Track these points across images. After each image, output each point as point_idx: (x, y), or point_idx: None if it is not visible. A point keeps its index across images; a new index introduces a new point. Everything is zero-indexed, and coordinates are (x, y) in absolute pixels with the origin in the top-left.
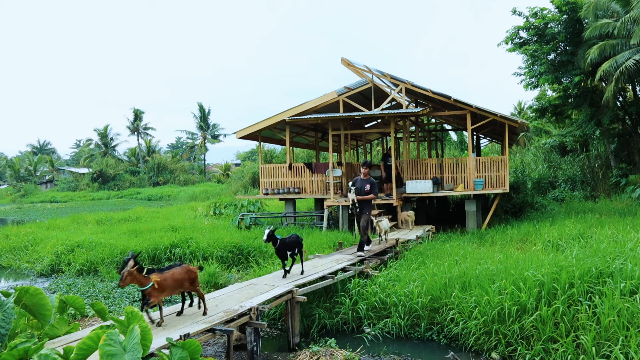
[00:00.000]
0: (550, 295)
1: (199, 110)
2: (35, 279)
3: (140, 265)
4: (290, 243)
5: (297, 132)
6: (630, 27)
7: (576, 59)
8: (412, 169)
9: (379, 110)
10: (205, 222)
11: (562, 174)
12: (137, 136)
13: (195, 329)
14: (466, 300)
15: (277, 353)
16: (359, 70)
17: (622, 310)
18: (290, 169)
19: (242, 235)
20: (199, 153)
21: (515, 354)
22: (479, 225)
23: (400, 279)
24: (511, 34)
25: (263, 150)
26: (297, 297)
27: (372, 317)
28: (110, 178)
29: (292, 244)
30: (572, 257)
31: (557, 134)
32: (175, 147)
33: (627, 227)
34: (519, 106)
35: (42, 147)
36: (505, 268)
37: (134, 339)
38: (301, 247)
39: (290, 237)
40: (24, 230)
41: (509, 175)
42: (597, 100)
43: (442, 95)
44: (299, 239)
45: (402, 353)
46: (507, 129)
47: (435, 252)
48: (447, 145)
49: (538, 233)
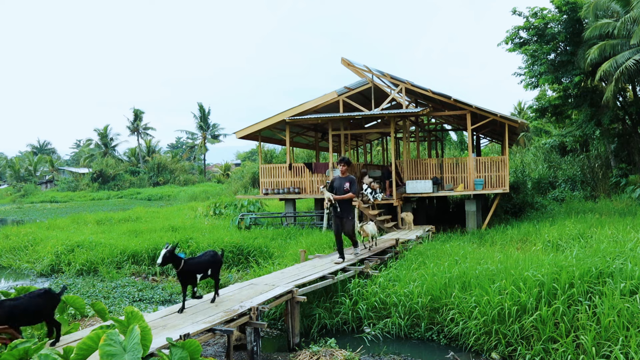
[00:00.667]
0: (550, 295)
1: (199, 110)
2: (35, 279)
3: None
4: (201, 263)
5: (297, 132)
6: (630, 27)
7: (576, 59)
8: (412, 169)
9: (379, 110)
10: (205, 222)
11: (562, 174)
12: (137, 136)
13: (195, 329)
14: (466, 300)
15: (277, 353)
16: (359, 70)
17: (622, 310)
18: (290, 169)
19: (242, 235)
20: (199, 153)
21: (515, 354)
22: (479, 225)
23: (400, 279)
24: (511, 34)
25: (263, 150)
26: (297, 297)
27: (372, 317)
28: (110, 178)
29: (203, 264)
30: (572, 257)
31: (557, 134)
32: (175, 147)
33: (627, 227)
34: (519, 106)
35: (42, 147)
36: (505, 268)
37: (134, 339)
38: (218, 267)
39: (202, 256)
40: (24, 230)
41: (509, 175)
42: (597, 100)
43: (442, 95)
44: (216, 257)
45: (402, 353)
46: (507, 129)
47: (435, 252)
48: (447, 145)
49: (538, 233)
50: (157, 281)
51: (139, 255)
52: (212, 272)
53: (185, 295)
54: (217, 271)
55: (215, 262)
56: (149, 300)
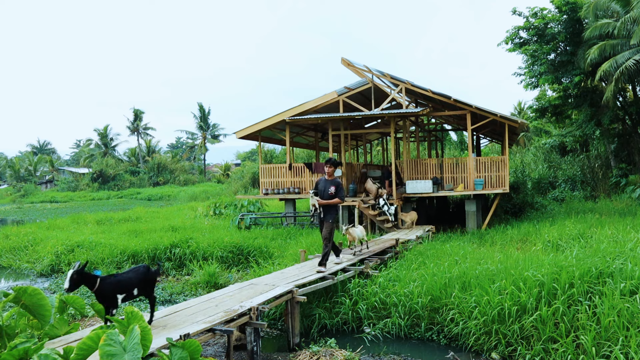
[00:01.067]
0: (550, 295)
1: (199, 110)
2: (35, 279)
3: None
4: (123, 282)
5: (297, 132)
6: (630, 27)
7: (576, 59)
8: (412, 169)
9: (379, 110)
10: (205, 222)
11: (562, 174)
12: (137, 136)
13: (195, 329)
14: (466, 300)
15: (277, 353)
16: (359, 70)
17: (622, 310)
18: (290, 169)
19: (242, 235)
20: (199, 153)
21: (515, 354)
22: (479, 225)
23: (400, 279)
24: (511, 34)
25: (263, 150)
26: (297, 297)
27: (372, 317)
28: (110, 178)
29: (126, 283)
30: (572, 257)
31: (557, 134)
32: (175, 147)
33: (627, 227)
34: (519, 106)
35: (42, 147)
36: (505, 268)
37: (134, 339)
38: (151, 285)
39: (127, 272)
40: (24, 230)
41: (509, 175)
42: (597, 100)
43: (442, 95)
44: (147, 273)
45: (402, 353)
46: (507, 129)
47: (435, 252)
48: (447, 145)
49: (538, 233)
50: (157, 281)
51: (139, 256)
52: (140, 292)
53: (108, 322)
54: (150, 290)
55: (146, 279)
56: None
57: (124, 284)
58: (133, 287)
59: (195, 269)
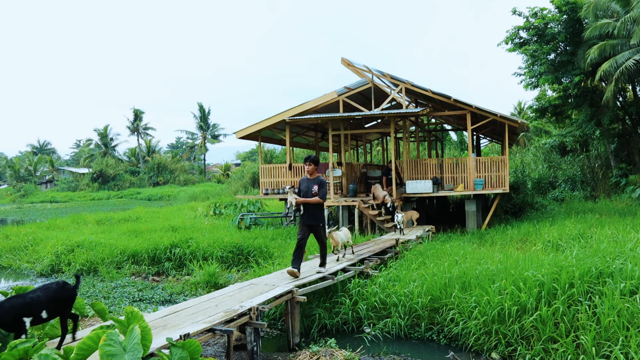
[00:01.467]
0: (550, 295)
1: (199, 110)
2: (35, 279)
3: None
4: (30, 304)
5: (297, 132)
6: (630, 27)
7: (576, 59)
8: (412, 169)
9: (379, 110)
10: (205, 222)
11: (562, 174)
12: (137, 136)
13: (195, 329)
14: (466, 300)
15: (277, 353)
16: (359, 70)
17: (622, 310)
18: (290, 169)
19: (242, 235)
20: (199, 153)
21: (515, 354)
22: (479, 225)
23: (400, 279)
24: (511, 34)
25: (263, 150)
26: (297, 297)
27: (372, 317)
28: (110, 178)
29: (35, 304)
30: (572, 257)
31: (557, 134)
32: (175, 147)
33: (627, 227)
34: (519, 106)
35: (42, 147)
36: (505, 268)
37: (134, 339)
38: (67, 303)
39: (35, 291)
40: (24, 230)
41: (509, 175)
42: (597, 100)
43: (442, 95)
44: (62, 290)
45: (402, 353)
46: (507, 129)
47: (435, 252)
48: (447, 145)
49: (538, 233)
50: (157, 281)
51: (139, 255)
52: (53, 314)
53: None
54: (66, 310)
55: (60, 298)
56: (149, 300)
57: (30, 306)
58: (41, 309)
59: (195, 269)
